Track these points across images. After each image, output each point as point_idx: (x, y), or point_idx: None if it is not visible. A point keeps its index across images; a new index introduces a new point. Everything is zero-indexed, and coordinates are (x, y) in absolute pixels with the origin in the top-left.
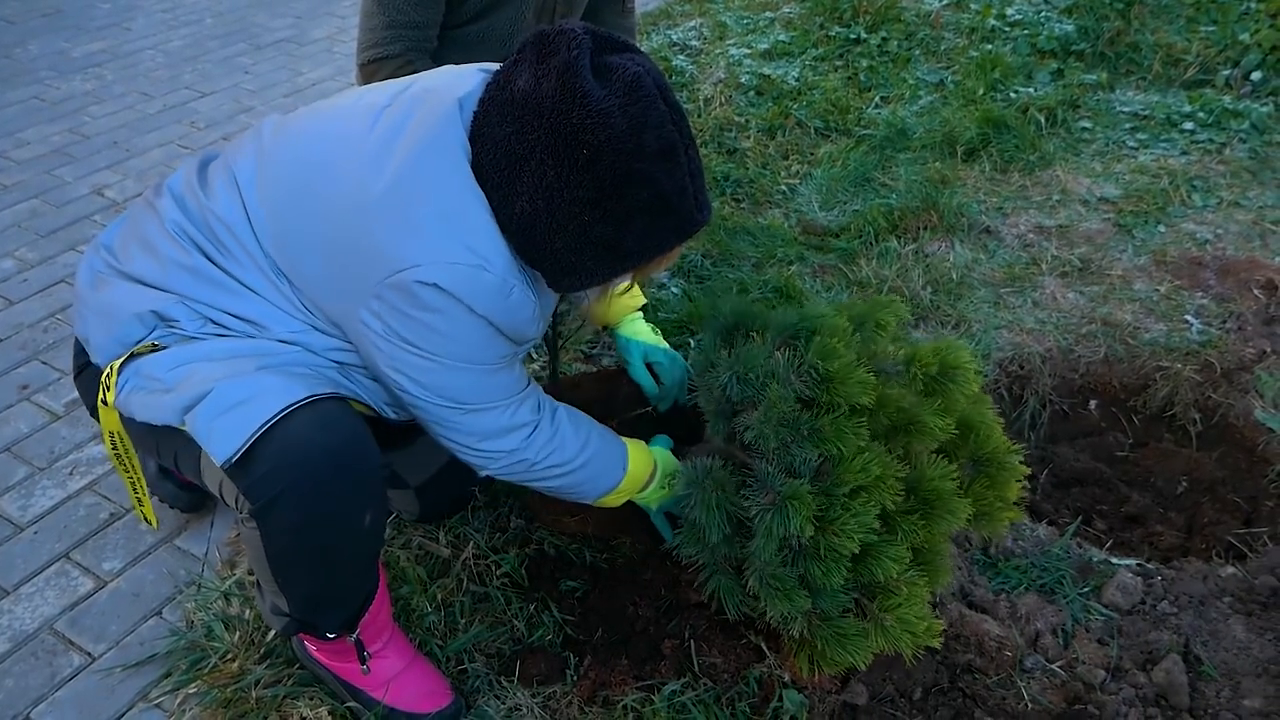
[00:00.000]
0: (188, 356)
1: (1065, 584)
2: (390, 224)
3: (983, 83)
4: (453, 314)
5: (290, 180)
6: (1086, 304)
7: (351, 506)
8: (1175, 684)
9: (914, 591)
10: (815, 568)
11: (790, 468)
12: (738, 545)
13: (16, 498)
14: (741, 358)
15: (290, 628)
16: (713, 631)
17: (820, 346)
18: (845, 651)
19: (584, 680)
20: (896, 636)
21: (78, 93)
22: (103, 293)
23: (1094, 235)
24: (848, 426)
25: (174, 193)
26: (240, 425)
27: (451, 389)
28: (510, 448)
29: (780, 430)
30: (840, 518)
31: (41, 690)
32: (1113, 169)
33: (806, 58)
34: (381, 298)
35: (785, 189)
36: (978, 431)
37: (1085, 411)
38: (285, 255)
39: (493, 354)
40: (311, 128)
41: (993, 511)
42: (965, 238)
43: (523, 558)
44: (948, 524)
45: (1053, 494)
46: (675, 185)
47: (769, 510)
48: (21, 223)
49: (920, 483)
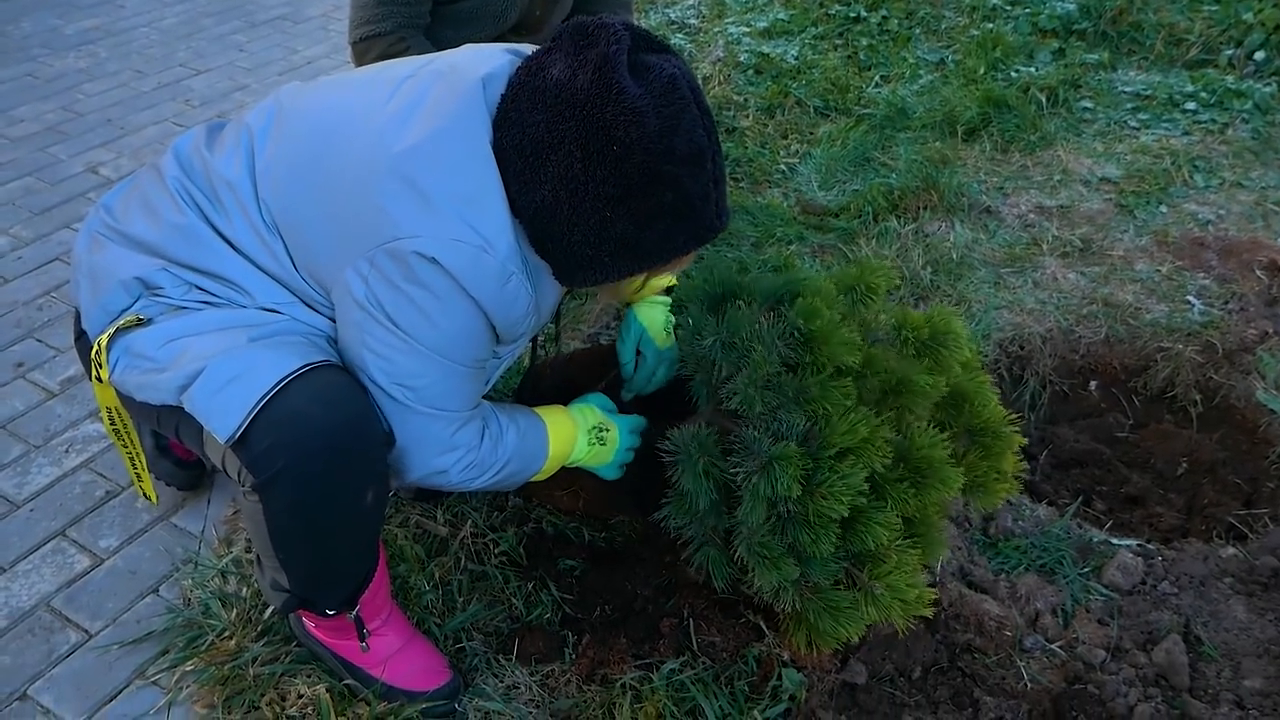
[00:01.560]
0: (178, 331)
1: (1065, 564)
2: (400, 191)
3: (983, 62)
4: (442, 295)
5: (306, 138)
6: (1087, 284)
7: (354, 483)
8: (1176, 664)
9: (905, 559)
10: (804, 534)
11: (777, 433)
12: (726, 515)
13: (12, 475)
14: (727, 323)
15: (290, 604)
16: (711, 610)
17: (802, 306)
18: (837, 624)
19: (582, 659)
20: (888, 605)
21: (71, 70)
22: (96, 255)
23: (1095, 215)
24: (834, 387)
25: (180, 153)
26: (238, 401)
27: (415, 379)
28: (441, 467)
29: (765, 394)
30: (828, 480)
31: (39, 667)
32: (1114, 149)
33: (806, 36)
34: (374, 263)
35: (784, 168)
36: (972, 401)
37: (1085, 392)
38: (287, 211)
39: (467, 352)
40: (332, 94)
41: (987, 483)
42: (965, 218)
43: (521, 536)
44: (939, 493)
45: (1052, 475)
46: (700, 190)
47: (755, 474)
48: (15, 200)
49: (911, 451)
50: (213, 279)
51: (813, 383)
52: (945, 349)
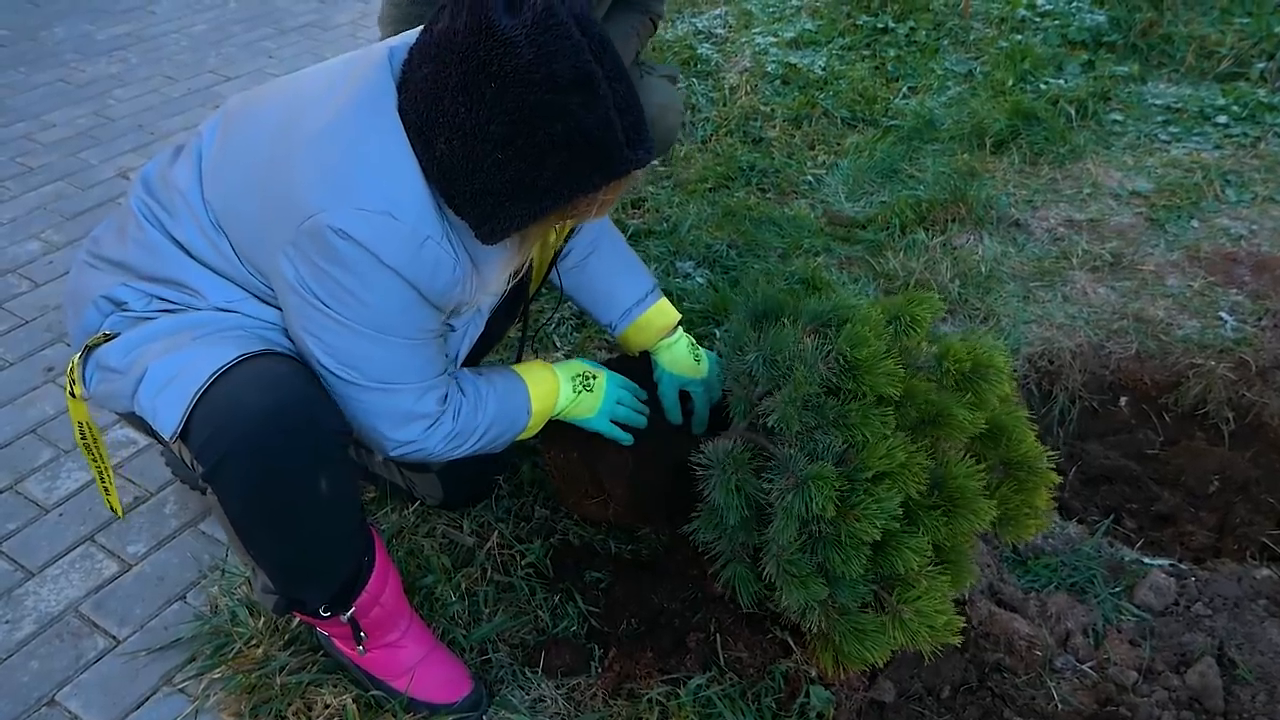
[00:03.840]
0: (137, 340)
1: (1096, 583)
2: (310, 169)
3: (1012, 74)
4: (361, 270)
5: (245, 135)
6: (1118, 299)
7: (301, 467)
8: (1210, 687)
9: (934, 585)
10: (835, 554)
11: (813, 453)
12: (755, 532)
13: (42, 480)
14: (770, 340)
15: (280, 605)
16: (738, 625)
17: (850, 333)
18: (863, 647)
19: (608, 672)
20: (915, 631)
21: (103, 76)
22: (77, 282)
23: (1125, 229)
24: (874, 414)
25: (146, 176)
26: (176, 398)
27: (357, 359)
28: (408, 438)
29: (804, 414)
30: (862, 502)
31: (67, 672)
32: (1144, 162)
33: (833, 47)
34: (297, 245)
35: (811, 179)
36: (1010, 434)
37: (1115, 408)
38: (227, 206)
39: (407, 324)
40: (273, 93)
41: (1018, 517)
42: (994, 230)
43: (547, 548)
44: (970, 523)
45: (1082, 491)
46: (597, 120)
47: (790, 491)
48: (47, 205)
49: (946, 479)
50: (170, 286)
51: (854, 409)
52: (986, 382)
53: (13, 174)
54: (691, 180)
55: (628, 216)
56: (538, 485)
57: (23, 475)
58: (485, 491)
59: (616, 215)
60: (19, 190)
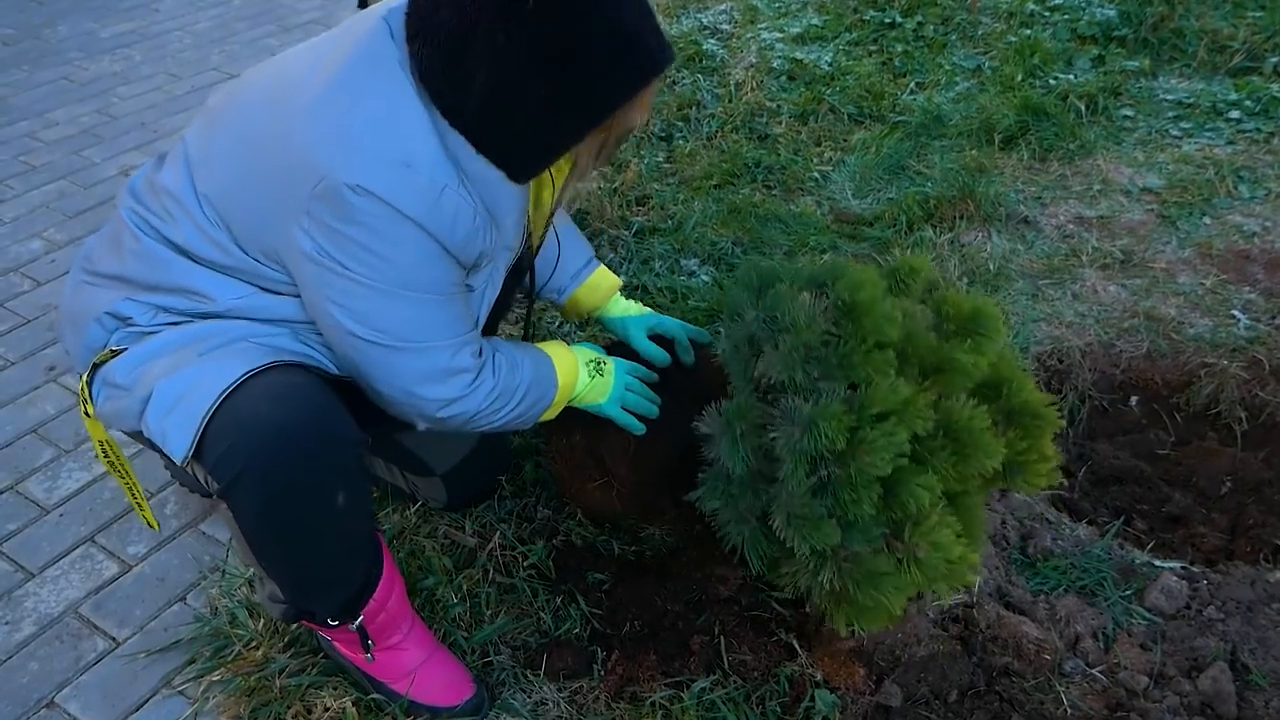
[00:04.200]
0: (142, 356)
1: (1106, 586)
2: (315, 133)
3: (1021, 69)
4: (383, 225)
5: (232, 123)
6: (1128, 297)
7: (318, 481)
8: (1222, 692)
9: (946, 522)
10: (845, 494)
11: (818, 402)
12: (763, 492)
13: (43, 480)
14: (768, 301)
15: (289, 614)
16: (743, 628)
17: (846, 280)
18: (879, 592)
19: (611, 675)
20: (932, 568)
21: (106, 73)
22: (75, 301)
23: (1136, 226)
24: (876, 355)
25: (133, 187)
26: (185, 420)
27: (387, 320)
28: (451, 395)
29: (807, 365)
30: (870, 436)
31: (66, 674)
32: (1156, 158)
33: (840, 42)
34: (311, 213)
35: (818, 176)
36: (1010, 383)
37: (1126, 408)
38: (225, 196)
39: (432, 279)
40: (254, 78)
41: (1028, 464)
42: (1003, 228)
43: (550, 549)
44: (980, 463)
45: (1091, 492)
46: (631, 18)
47: (798, 430)
48: (50, 204)
49: (951, 422)
50: (175, 294)
51: (855, 350)
52: (984, 332)
53: (15, 172)
54: (696, 177)
55: (632, 214)
56: (541, 485)
57: (24, 475)
58: (488, 492)
59: (621, 213)
60: (22, 189)
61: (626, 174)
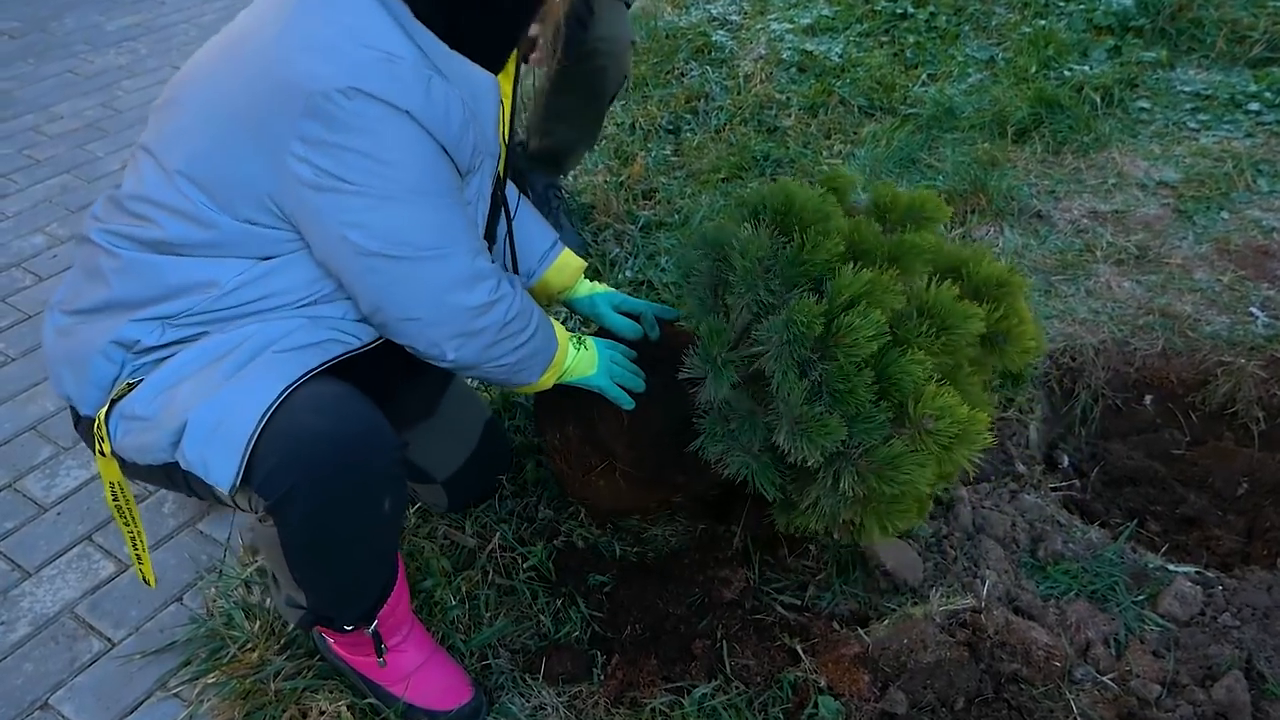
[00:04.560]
0: (162, 382)
1: (1118, 591)
2: (289, 57)
3: (1035, 60)
4: (380, 126)
5: (187, 96)
6: (1143, 294)
7: (369, 492)
8: (1237, 702)
9: (946, 390)
10: (839, 385)
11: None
12: (761, 425)
13: (41, 478)
14: (711, 240)
15: (306, 620)
16: (746, 632)
17: (775, 194)
18: (901, 474)
19: (611, 680)
20: (944, 434)
21: (111, 66)
22: (67, 342)
23: (1152, 221)
24: (828, 245)
25: (94, 213)
26: (228, 446)
27: (402, 229)
28: (481, 300)
29: (767, 279)
30: (847, 320)
31: (60, 675)
32: (1172, 151)
33: (851, 33)
34: (304, 137)
35: (827, 169)
36: (967, 262)
37: (1140, 407)
38: (206, 162)
39: (437, 181)
40: (199, 54)
41: (1010, 330)
42: (1015, 222)
43: (550, 550)
44: (962, 331)
45: (1104, 492)
46: None
47: (780, 348)
48: (53, 198)
49: (923, 300)
50: (176, 298)
51: (805, 245)
52: (928, 215)
53: (19, 167)
54: (704, 171)
55: (638, 208)
56: (542, 485)
57: (22, 473)
58: (489, 493)
59: (627, 207)
60: (25, 183)
61: (633, 167)
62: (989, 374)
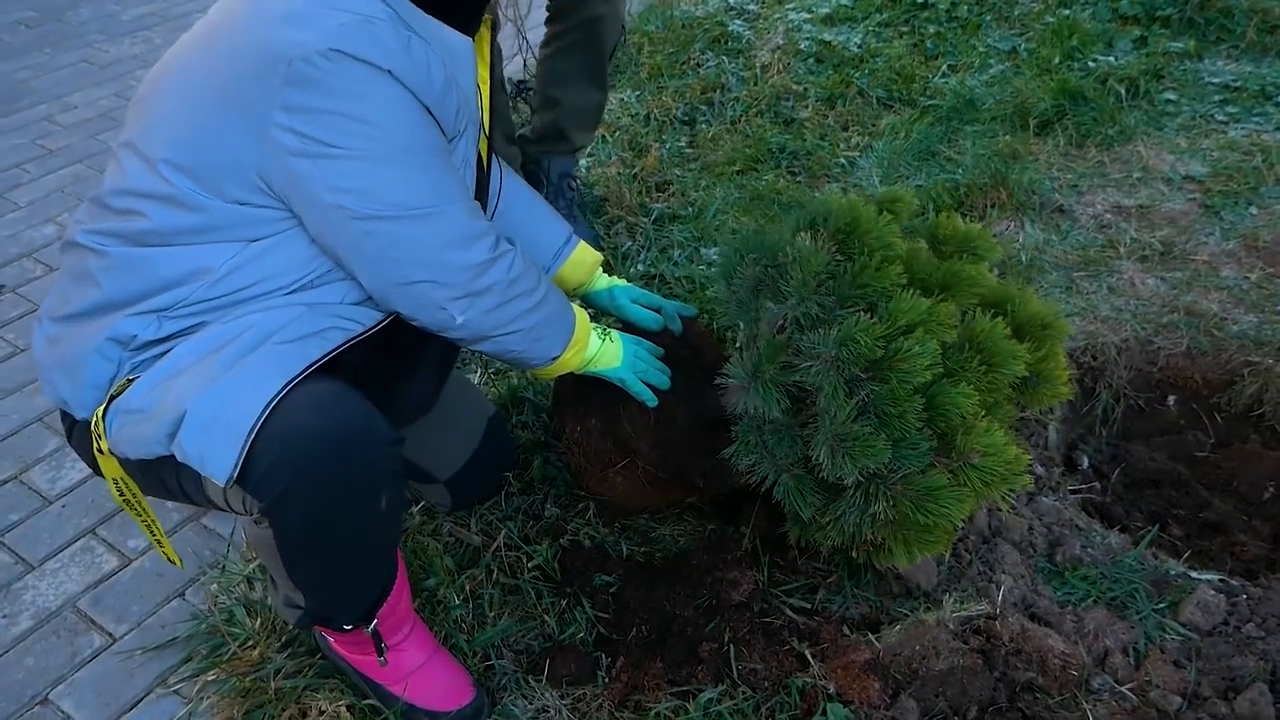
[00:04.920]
0: (159, 375)
1: (1138, 598)
2: (267, 29)
3: (1058, 50)
4: (364, 88)
5: (163, 86)
6: (1168, 291)
7: (366, 490)
8: (1260, 716)
9: (993, 427)
10: (888, 408)
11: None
12: (799, 438)
13: (46, 470)
14: (763, 247)
15: (305, 621)
16: (754, 635)
17: (841, 209)
18: (939, 506)
19: (615, 682)
20: (988, 472)
21: (126, 56)
22: (59, 349)
23: (1178, 216)
24: (889, 271)
25: (78, 219)
26: (226, 439)
27: (394, 190)
28: (480, 258)
29: (820, 296)
30: (905, 345)
31: (61, 670)
32: (1199, 145)
33: (870, 23)
34: (287, 105)
35: (844, 162)
36: (1013, 300)
37: (1163, 407)
38: (184, 149)
39: (424, 140)
40: (172, 49)
41: (1046, 372)
42: (1036, 217)
43: (556, 549)
44: (1009, 370)
45: (1125, 495)
46: None
47: (831, 358)
48: (65, 188)
49: (974, 333)
50: (169, 290)
51: (866, 268)
52: (980, 250)
53: (33, 156)
54: (719, 163)
55: (651, 200)
56: (549, 482)
57: (28, 465)
58: (493, 490)
59: (640, 199)
60: (38, 173)
61: (647, 159)
62: (1014, 410)
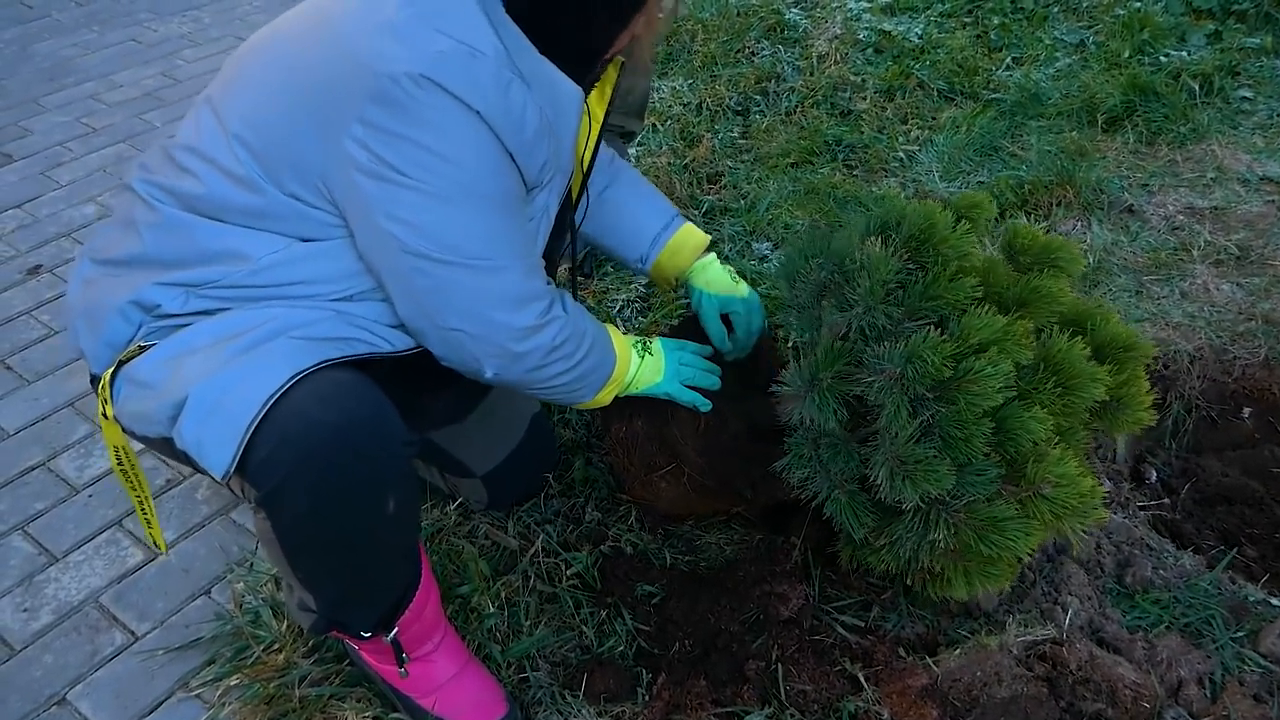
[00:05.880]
0: (173, 350)
1: (1214, 625)
2: (367, 36)
3: (1129, 44)
4: (446, 121)
5: (261, 54)
6: (1244, 298)
7: (367, 488)
8: None
9: (1067, 456)
10: (954, 432)
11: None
12: (855, 454)
13: (75, 457)
14: (831, 251)
15: (319, 625)
16: (803, 654)
17: (915, 214)
18: (1005, 539)
19: (656, 701)
20: (1060, 504)
21: (174, 35)
22: (89, 293)
23: (1254, 219)
24: (963, 284)
25: (143, 162)
26: (225, 430)
27: (454, 233)
28: (528, 323)
29: (887, 307)
30: (976, 365)
31: (80, 670)
32: (1277, 144)
33: (931, 13)
34: (365, 120)
35: (903, 156)
36: (1093, 318)
37: (1238, 420)
38: (258, 127)
39: (497, 187)
40: (283, 18)
41: (1126, 397)
42: (1104, 217)
43: (596, 556)
44: (1088, 394)
45: (1195, 512)
46: None
47: (896, 374)
48: (107, 167)
49: (1051, 353)
50: (205, 265)
51: (939, 279)
52: (1061, 262)
53: (76, 134)
54: (773, 155)
55: (702, 192)
56: (590, 485)
57: (56, 451)
58: (532, 491)
59: (691, 191)
60: (81, 151)
61: (698, 149)
62: (1090, 436)
